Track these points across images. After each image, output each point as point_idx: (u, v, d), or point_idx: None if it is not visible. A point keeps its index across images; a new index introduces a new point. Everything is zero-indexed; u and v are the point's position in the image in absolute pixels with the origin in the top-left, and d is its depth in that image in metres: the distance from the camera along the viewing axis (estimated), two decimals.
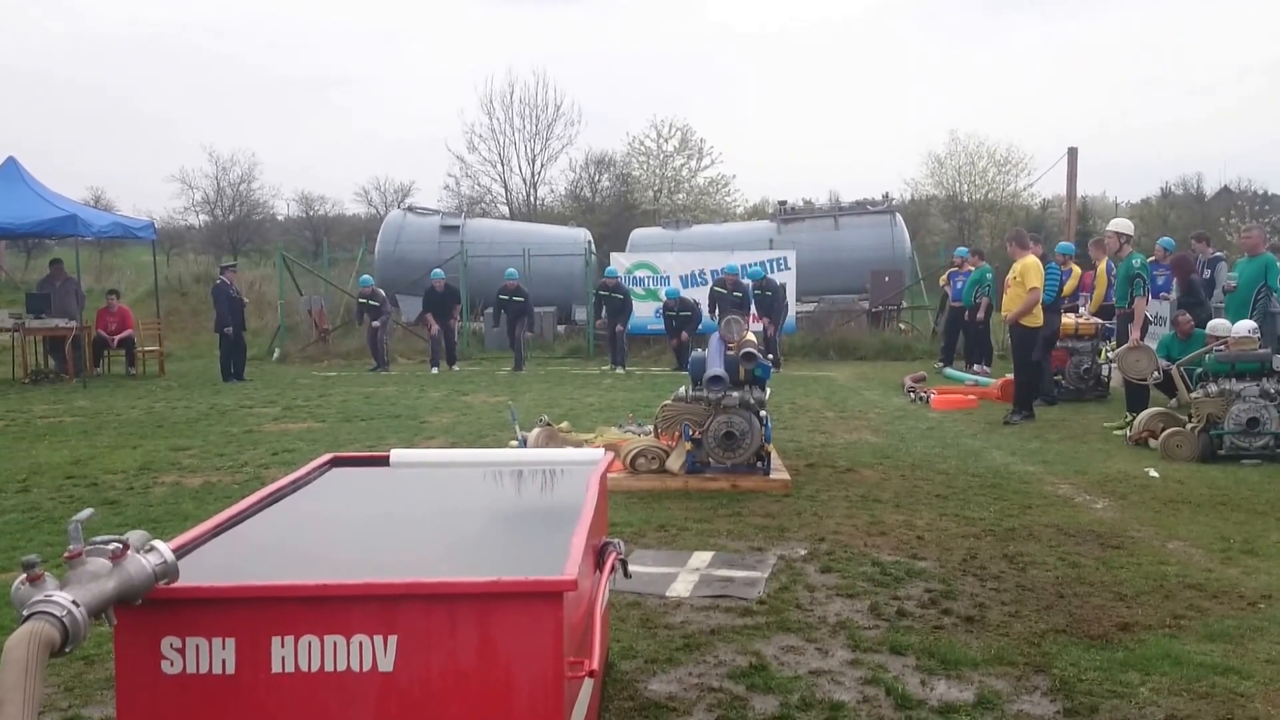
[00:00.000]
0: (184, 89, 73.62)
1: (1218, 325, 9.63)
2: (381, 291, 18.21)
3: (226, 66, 72.27)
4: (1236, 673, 3.99)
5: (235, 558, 2.82)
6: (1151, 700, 3.76)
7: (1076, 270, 14.15)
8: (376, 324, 17.64)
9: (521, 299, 17.71)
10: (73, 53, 71.19)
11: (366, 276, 18.78)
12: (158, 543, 2.28)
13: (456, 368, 17.64)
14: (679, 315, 17.50)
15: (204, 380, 16.13)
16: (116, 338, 17.16)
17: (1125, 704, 3.73)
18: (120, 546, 2.18)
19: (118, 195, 58.05)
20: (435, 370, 17.31)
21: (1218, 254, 13.96)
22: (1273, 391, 8.64)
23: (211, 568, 2.62)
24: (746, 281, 17.78)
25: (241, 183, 46.09)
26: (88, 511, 2.27)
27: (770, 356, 11.07)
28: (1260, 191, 38.66)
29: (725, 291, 17.02)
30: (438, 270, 18.31)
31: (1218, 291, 12.45)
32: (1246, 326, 9.08)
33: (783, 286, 18.59)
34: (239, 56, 73.02)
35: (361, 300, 18.08)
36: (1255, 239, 11.20)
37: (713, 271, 19.51)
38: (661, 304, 18.27)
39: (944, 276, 17.31)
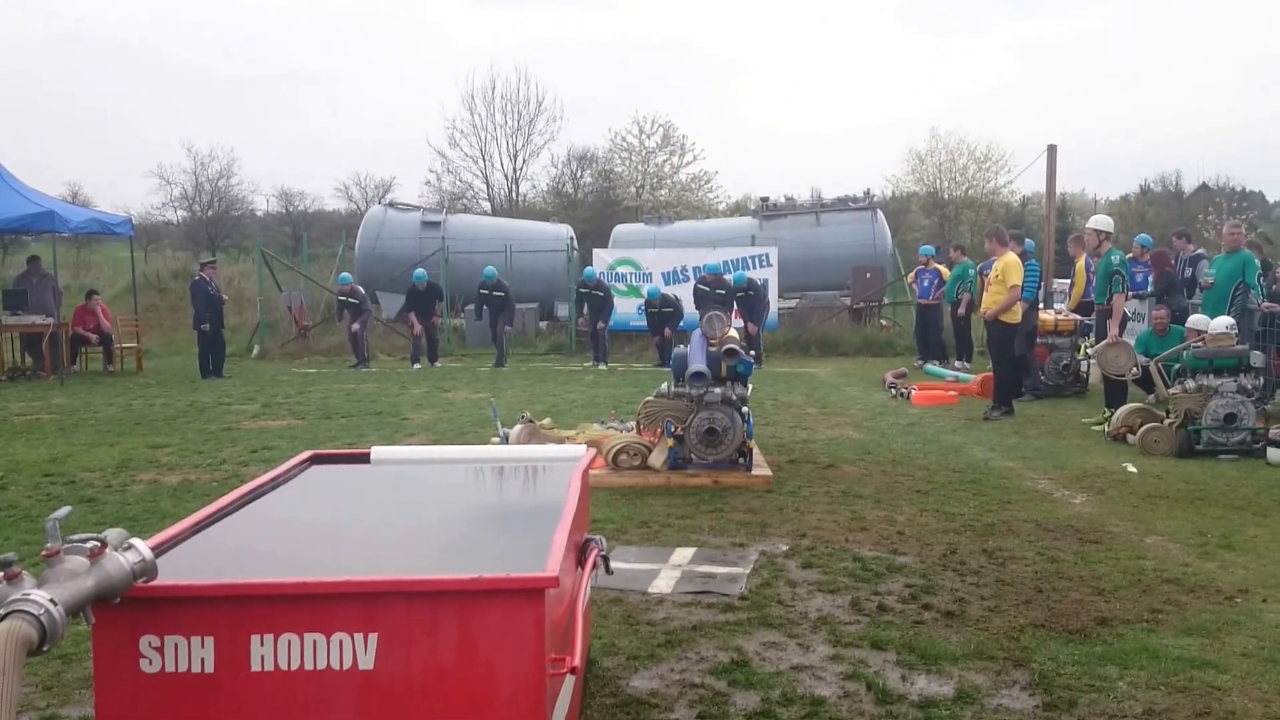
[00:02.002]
0: (162, 85, 73.04)
1: (1198, 320, 9.71)
2: (361, 289, 18.14)
3: (204, 62, 71.79)
4: (1213, 666, 4.03)
5: (214, 556, 2.80)
6: (1129, 694, 3.79)
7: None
8: (356, 326, 17.52)
9: (502, 293, 17.70)
10: (50, 49, 70.55)
11: (346, 274, 18.66)
12: (136, 541, 2.26)
13: (439, 364, 17.60)
14: (661, 311, 17.53)
15: (182, 377, 16.03)
16: (94, 336, 17.08)
17: (1103, 698, 3.76)
18: (98, 544, 2.16)
19: (95, 191, 57.53)
20: (416, 367, 17.27)
21: (1199, 252, 14.07)
22: (1250, 387, 8.72)
23: (190, 566, 2.60)
24: (728, 277, 17.82)
25: (220, 178, 45.80)
26: (65, 509, 2.26)
27: (752, 353, 11.08)
28: (1238, 189, 39.07)
29: (708, 289, 17.07)
30: (420, 271, 18.19)
31: (1199, 289, 12.59)
32: (1224, 323, 9.16)
33: (764, 284, 18.64)
34: (218, 52, 72.54)
35: (341, 298, 17.99)
36: (1239, 236, 11.29)
37: (695, 268, 19.52)
38: (644, 300, 18.29)
39: (911, 275, 17.39)
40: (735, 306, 16.97)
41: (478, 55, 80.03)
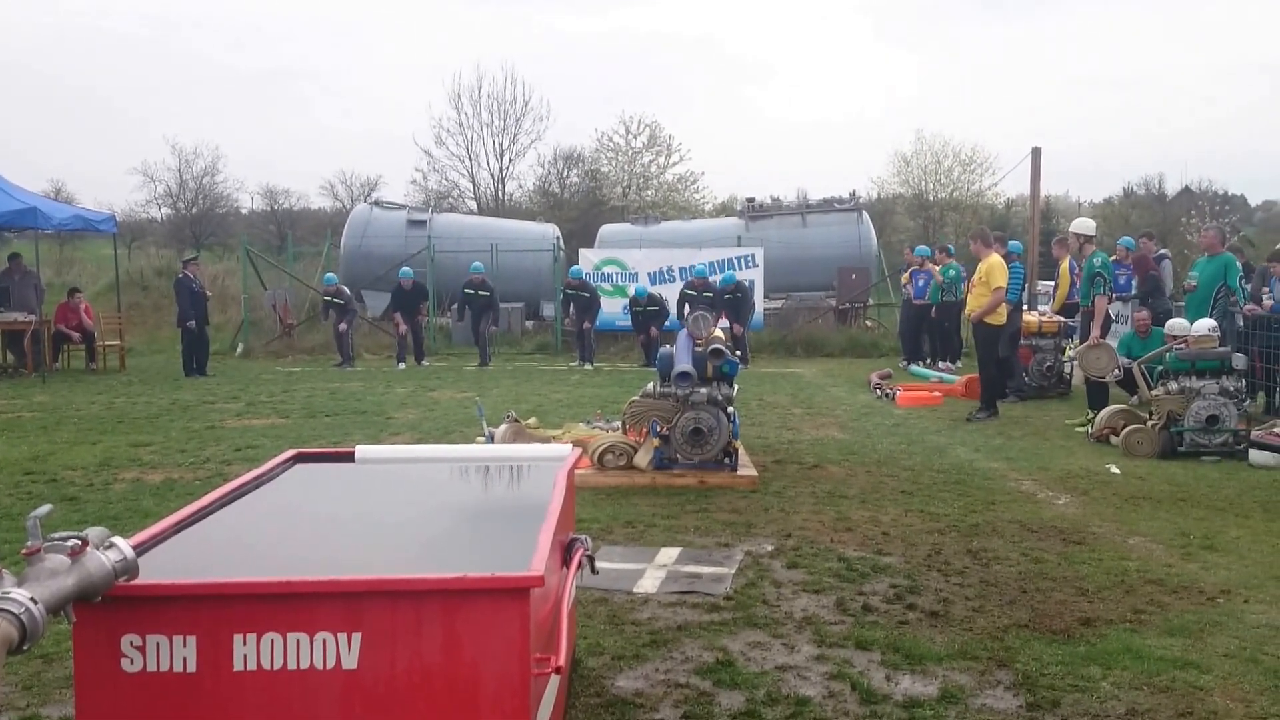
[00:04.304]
0: (147, 81, 72.63)
1: (1175, 325, 9.77)
2: (346, 289, 18.06)
3: (190, 58, 71.36)
4: (1196, 667, 4.05)
5: (197, 555, 2.78)
6: (1112, 694, 3.81)
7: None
8: (343, 326, 17.45)
9: (487, 293, 17.67)
10: (33, 43, 70.06)
11: (331, 275, 18.56)
12: (117, 539, 2.25)
13: (426, 363, 17.56)
14: (646, 310, 17.54)
15: (165, 375, 15.94)
16: (76, 333, 16.97)
17: (1087, 698, 3.78)
18: (79, 543, 2.15)
19: (78, 188, 56.97)
20: (401, 366, 17.21)
21: (1163, 252, 14.33)
22: (1232, 389, 8.77)
23: (172, 565, 2.58)
24: (715, 278, 17.83)
25: (205, 176, 45.51)
26: (46, 507, 2.24)
27: (738, 353, 11.08)
28: (1220, 192, 39.30)
29: (695, 294, 17.02)
30: (406, 269, 18.17)
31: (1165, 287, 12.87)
32: (1206, 325, 9.22)
33: (750, 285, 18.66)
34: (203, 48, 72.13)
35: (327, 299, 17.92)
36: (1211, 239, 11.39)
37: (681, 269, 19.52)
38: (629, 299, 18.29)
39: (905, 275, 17.42)
40: (722, 309, 16.96)
41: (465, 53, 79.83)
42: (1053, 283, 15.11)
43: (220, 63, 70.99)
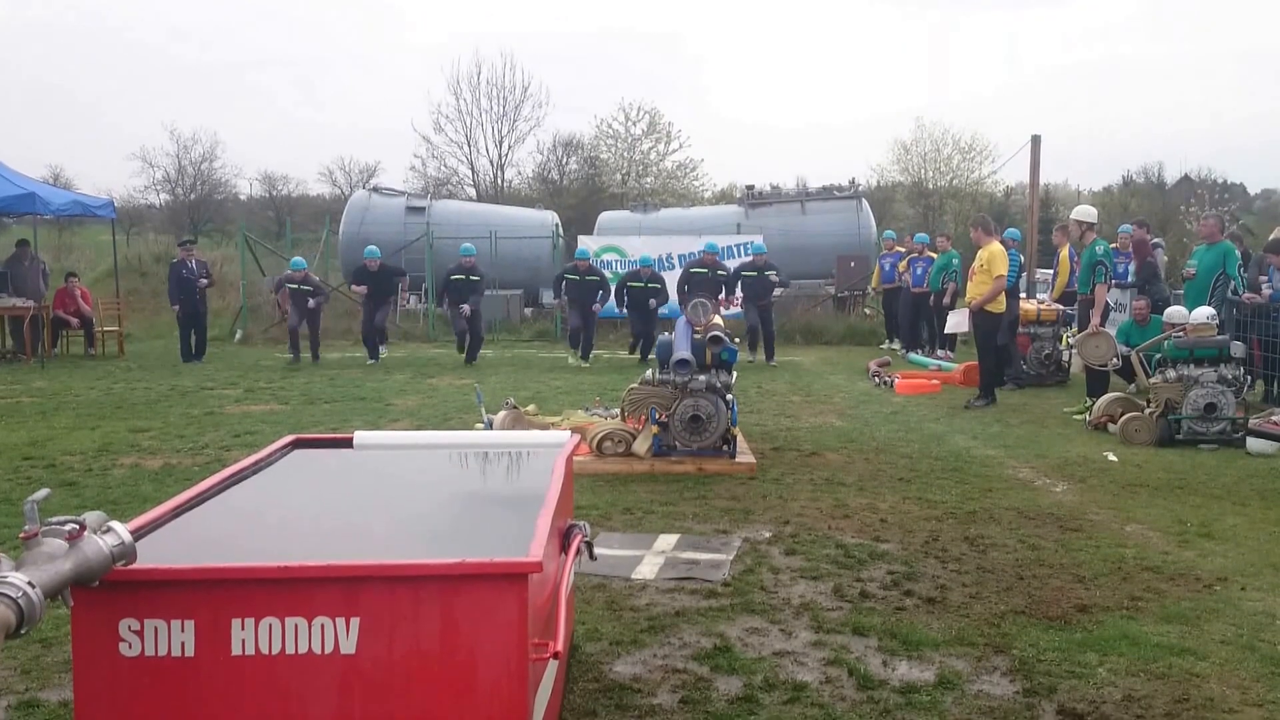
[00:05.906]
0: (146, 68, 72.46)
1: (1174, 313, 9.77)
2: (315, 276, 17.04)
3: (188, 45, 71.15)
4: (1192, 653, 4.06)
5: (195, 539, 2.79)
6: (1109, 680, 3.82)
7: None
8: (313, 304, 15.69)
9: (477, 278, 15.87)
10: (31, 33, 69.81)
11: (299, 259, 16.37)
12: (115, 524, 2.25)
13: (383, 353, 16.01)
14: (647, 286, 15.91)
15: (164, 361, 15.91)
16: (74, 319, 16.94)
17: (1083, 684, 3.79)
18: (77, 527, 2.15)
19: (77, 174, 56.91)
20: (373, 361, 15.64)
21: (1156, 240, 14.35)
22: (1230, 377, 8.77)
23: (171, 549, 2.58)
24: (732, 263, 17.14)
25: (203, 162, 45.58)
26: (44, 492, 2.24)
27: (734, 341, 10.59)
28: (1220, 180, 39.26)
29: (706, 272, 15.72)
30: (372, 248, 16.44)
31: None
32: (1205, 313, 9.22)
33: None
34: (201, 38, 71.90)
35: (292, 285, 15.71)
36: (1210, 227, 11.38)
37: (680, 256, 19.42)
38: (629, 271, 16.78)
39: (903, 263, 17.35)
40: (739, 291, 15.83)
41: (463, 42, 79.52)
42: (1052, 270, 15.11)
43: (219, 50, 70.88)
